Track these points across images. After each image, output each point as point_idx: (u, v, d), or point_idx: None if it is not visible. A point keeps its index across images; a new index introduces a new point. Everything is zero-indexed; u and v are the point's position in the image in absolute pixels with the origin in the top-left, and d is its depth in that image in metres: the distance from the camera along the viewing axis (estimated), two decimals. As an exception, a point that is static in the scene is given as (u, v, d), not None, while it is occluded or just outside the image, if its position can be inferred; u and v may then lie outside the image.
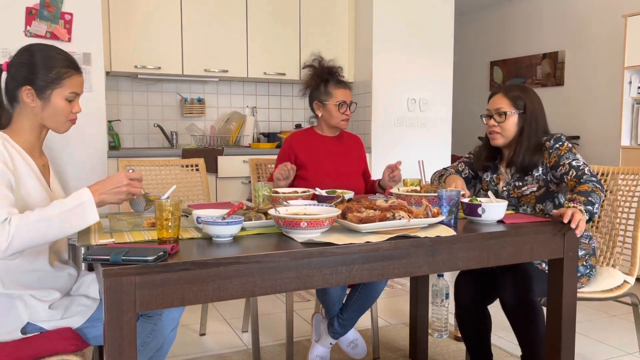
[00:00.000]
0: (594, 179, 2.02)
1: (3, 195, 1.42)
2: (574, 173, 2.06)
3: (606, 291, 2.13)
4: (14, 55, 1.63)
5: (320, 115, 2.58)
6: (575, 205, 1.88)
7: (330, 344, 2.46)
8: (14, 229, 1.35)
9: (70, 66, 1.62)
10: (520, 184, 2.17)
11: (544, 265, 2.09)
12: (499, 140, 2.21)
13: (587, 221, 1.87)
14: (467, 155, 2.44)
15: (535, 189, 2.15)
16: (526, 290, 1.98)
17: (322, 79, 2.55)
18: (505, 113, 2.17)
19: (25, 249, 1.39)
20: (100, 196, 1.47)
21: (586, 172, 2.05)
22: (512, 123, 2.18)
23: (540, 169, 2.15)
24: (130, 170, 1.55)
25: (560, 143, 2.13)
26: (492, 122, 2.21)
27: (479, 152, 2.36)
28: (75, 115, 1.67)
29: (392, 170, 2.42)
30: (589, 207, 1.88)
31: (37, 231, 1.37)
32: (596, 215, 1.92)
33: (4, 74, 1.61)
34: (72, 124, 1.68)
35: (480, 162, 2.34)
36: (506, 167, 2.26)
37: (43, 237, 1.39)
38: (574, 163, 2.08)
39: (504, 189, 2.23)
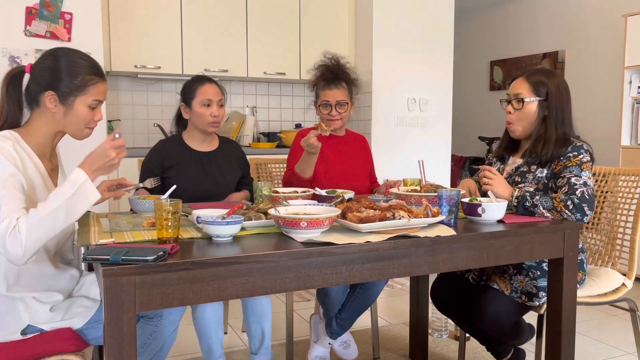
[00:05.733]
0: (574, 202, 1.84)
1: (17, 200, 1.40)
2: (566, 190, 1.91)
3: (603, 295, 2.11)
4: (39, 58, 1.62)
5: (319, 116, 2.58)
6: (517, 189, 1.89)
7: (329, 343, 2.46)
8: (24, 233, 1.35)
9: (95, 73, 1.61)
10: (520, 179, 2.07)
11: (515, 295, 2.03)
12: (516, 132, 2.08)
13: (508, 206, 1.86)
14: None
15: (532, 189, 2.01)
16: (501, 319, 1.97)
17: (317, 80, 2.51)
18: (522, 100, 2.01)
19: (39, 247, 1.40)
20: (94, 173, 1.48)
21: (577, 193, 1.87)
22: (530, 111, 2.02)
23: (545, 170, 2.02)
24: (117, 136, 1.51)
25: (575, 154, 1.96)
26: (509, 107, 2.06)
27: (501, 139, 2.24)
28: (96, 123, 1.65)
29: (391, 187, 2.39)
30: (525, 203, 1.88)
31: (46, 227, 1.38)
32: (519, 205, 1.90)
33: (27, 76, 1.60)
34: (91, 132, 1.66)
35: (499, 151, 2.22)
36: (521, 157, 2.11)
37: (53, 230, 1.40)
38: (572, 180, 1.92)
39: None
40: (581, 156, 1.98)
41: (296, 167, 2.37)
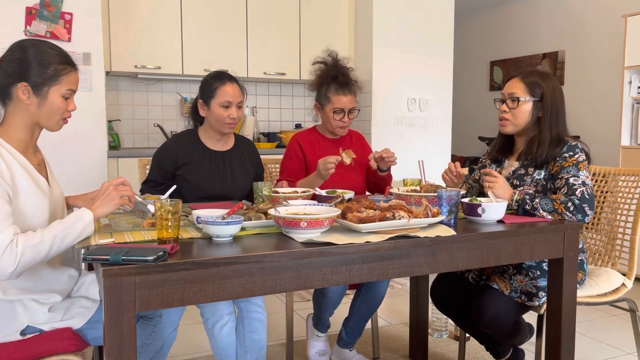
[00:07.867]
0: (574, 203, 1.85)
1: (5, 214, 1.40)
2: (565, 190, 1.91)
3: (602, 295, 2.11)
4: (5, 51, 1.58)
5: (319, 116, 2.55)
6: (517, 193, 1.90)
7: (318, 336, 2.46)
8: (21, 252, 1.36)
9: (66, 62, 1.58)
10: (518, 183, 2.07)
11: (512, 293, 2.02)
12: (508, 128, 2.08)
13: (509, 207, 1.88)
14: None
15: (531, 192, 2.00)
16: (499, 318, 1.96)
17: (324, 80, 2.47)
18: (518, 99, 2.03)
19: (27, 268, 1.42)
20: (97, 210, 1.53)
21: (577, 194, 1.87)
22: (524, 111, 2.03)
23: (543, 172, 2.03)
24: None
25: (571, 154, 1.97)
26: (503, 106, 2.07)
27: (494, 141, 2.24)
28: (70, 114, 1.62)
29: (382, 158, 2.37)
30: (526, 206, 1.90)
31: (41, 252, 1.41)
32: (519, 208, 1.91)
33: None
34: (65, 123, 1.64)
35: (493, 153, 2.23)
36: (517, 160, 2.12)
37: (45, 256, 1.43)
38: (571, 180, 1.92)
39: None
40: (577, 156, 1.98)
41: (299, 183, 2.38)
